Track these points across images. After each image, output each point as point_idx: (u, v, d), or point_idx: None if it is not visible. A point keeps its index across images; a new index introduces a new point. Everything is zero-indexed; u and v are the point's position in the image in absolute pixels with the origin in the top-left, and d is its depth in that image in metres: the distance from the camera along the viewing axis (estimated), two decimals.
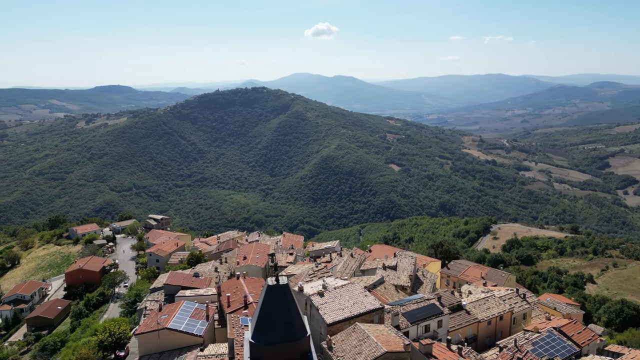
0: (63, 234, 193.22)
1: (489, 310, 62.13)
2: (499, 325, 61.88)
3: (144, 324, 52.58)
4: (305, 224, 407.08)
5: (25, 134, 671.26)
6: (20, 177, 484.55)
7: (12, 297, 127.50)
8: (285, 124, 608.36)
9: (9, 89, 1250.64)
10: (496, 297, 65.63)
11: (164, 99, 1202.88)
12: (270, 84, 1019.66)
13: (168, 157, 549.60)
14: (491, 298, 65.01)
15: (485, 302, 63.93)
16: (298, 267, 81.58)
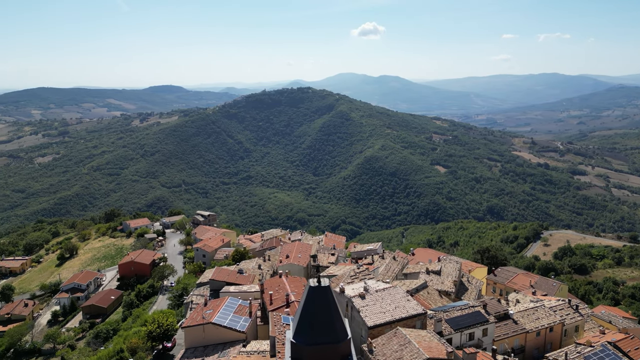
0: (117, 227, 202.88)
1: (538, 321, 59.62)
2: (549, 337, 59.22)
3: (190, 318, 54.42)
4: (347, 224, 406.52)
5: (84, 131, 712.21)
6: (80, 172, 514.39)
7: (70, 286, 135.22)
8: (329, 124, 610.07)
9: (70, 89, 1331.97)
10: (546, 307, 62.84)
11: (213, 99, 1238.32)
12: (316, 84, 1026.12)
13: (216, 155, 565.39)
14: (541, 308, 62.33)
15: (535, 312, 61.38)
16: (339, 268, 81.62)
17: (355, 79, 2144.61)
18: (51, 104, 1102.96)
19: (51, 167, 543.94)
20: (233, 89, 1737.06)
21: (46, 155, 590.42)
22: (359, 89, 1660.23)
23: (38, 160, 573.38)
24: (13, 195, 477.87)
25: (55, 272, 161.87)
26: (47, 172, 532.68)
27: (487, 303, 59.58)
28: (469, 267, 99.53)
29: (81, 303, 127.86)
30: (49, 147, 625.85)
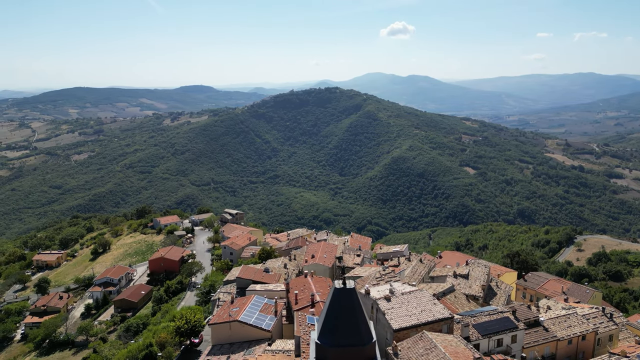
0: (148, 224, 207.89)
1: (570, 329, 57.82)
2: (581, 345, 57.35)
3: (216, 315, 55.34)
4: (373, 225, 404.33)
5: (118, 129, 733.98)
6: (113, 169, 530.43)
7: (103, 280, 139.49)
8: (356, 124, 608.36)
9: (105, 89, 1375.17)
10: (579, 314, 60.87)
11: (242, 99, 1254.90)
12: (344, 84, 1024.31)
13: (244, 154, 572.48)
14: (573, 315, 60.42)
15: (566, 319, 59.55)
16: (365, 270, 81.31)
17: (383, 78, 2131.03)
18: (87, 103, 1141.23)
19: (86, 165, 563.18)
20: (262, 89, 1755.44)
21: (82, 152, 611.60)
22: (387, 89, 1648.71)
23: (74, 158, 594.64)
24: (50, 191, 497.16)
25: (89, 266, 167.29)
26: (83, 169, 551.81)
27: (517, 309, 58.19)
28: (498, 271, 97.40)
29: (113, 297, 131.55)
30: (84, 145, 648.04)
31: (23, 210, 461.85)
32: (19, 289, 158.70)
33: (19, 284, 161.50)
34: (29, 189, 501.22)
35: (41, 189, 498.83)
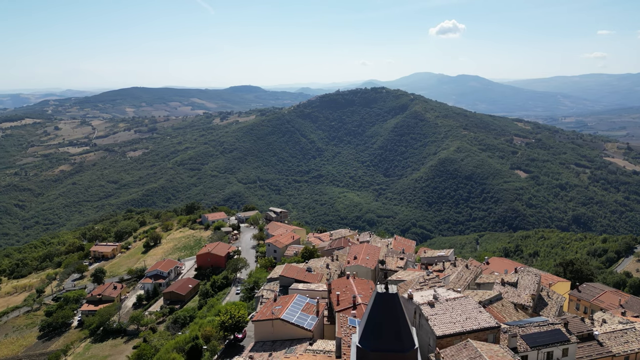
0: (196, 220, 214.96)
1: (627, 345, 54.43)
2: None
3: (260, 312, 56.48)
4: (418, 228, 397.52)
5: (171, 128, 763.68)
6: (165, 166, 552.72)
7: (153, 273, 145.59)
8: (402, 124, 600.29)
9: (159, 88, 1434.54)
10: (637, 330, 57.17)
11: (289, 99, 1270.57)
12: (390, 84, 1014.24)
13: (289, 153, 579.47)
14: (631, 330, 56.81)
15: (623, 334, 56.09)
16: (408, 274, 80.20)
17: (431, 78, 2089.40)
18: (143, 103, 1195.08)
19: (141, 161, 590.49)
20: (308, 89, 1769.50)
21: (137, 149, 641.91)
22: (435, 88, 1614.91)
23: (130, 154, 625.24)
24: (107, 185, 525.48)
25: (141, 258, 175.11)
26: (137, 165, 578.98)
27: (569, 321, 55.47)
28: (549, 280, 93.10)
29: (162, 289, 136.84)
30: (139, 142, 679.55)
31: (82, 203, 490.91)
32: (77, 278, 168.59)
33: (77, 273, 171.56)
34: (88, 183, 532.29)
35: (99, 184, 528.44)
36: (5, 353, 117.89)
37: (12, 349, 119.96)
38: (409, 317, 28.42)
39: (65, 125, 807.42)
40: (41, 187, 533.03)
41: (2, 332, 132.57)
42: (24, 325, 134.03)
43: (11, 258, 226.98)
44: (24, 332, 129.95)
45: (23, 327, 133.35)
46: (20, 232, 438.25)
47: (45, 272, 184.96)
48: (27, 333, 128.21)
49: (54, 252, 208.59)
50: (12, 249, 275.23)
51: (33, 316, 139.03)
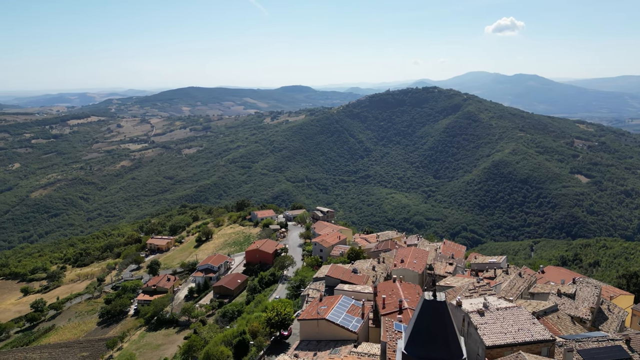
0: (246, 217, 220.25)
1: None
2: None
3: (305, 311, 57.07)
4: (469, 232, 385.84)
5: (224, 127, 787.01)
6: (218, 163, 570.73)
7: (204, 267, 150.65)
8: (454, 125, 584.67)
9: (214, 88, 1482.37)
10: None
11: (338, 99, 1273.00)
12: (443, 83, 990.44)
13: (337, 153, 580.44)
14: None
15: None
16: (457, 280, 78.07)
17: (486, 77, 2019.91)
18: (198, 102, 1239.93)
19: (195, 158, 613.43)
20: (358, 88, 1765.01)
21: (192, 147, 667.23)
22: (489, 88, 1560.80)
23: (185, 152, 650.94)
24: (164, 181, 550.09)
25: (193, 252, 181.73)
26: (192, 162, 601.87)
27: (632, 338, 51.81)
28: (610, 293, 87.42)
29: (212, 283, 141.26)
30: (194, 140, 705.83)
31: (140, 197, 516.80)
32: (134, 269, 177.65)
33: (135, 264, 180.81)
34: (146, 178, 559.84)
35: (156, 179, 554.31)
36: (68, 337, 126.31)
37: (75, 333, 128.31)
38: (457, 325, 27.72)
39: (127, 123, 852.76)
40: (104, 181, 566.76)
41: (65, 317, 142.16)
42: (85, 312, 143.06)
43: (75, 247, 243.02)
44: (85, 317, 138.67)
45: (84, 313, 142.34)
46: (84, 223, 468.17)
47: (105, 261, 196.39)
48: (88, 319, 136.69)
49: (114, 243, 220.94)
50: (76, 238, 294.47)
51: (94, 303, 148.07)
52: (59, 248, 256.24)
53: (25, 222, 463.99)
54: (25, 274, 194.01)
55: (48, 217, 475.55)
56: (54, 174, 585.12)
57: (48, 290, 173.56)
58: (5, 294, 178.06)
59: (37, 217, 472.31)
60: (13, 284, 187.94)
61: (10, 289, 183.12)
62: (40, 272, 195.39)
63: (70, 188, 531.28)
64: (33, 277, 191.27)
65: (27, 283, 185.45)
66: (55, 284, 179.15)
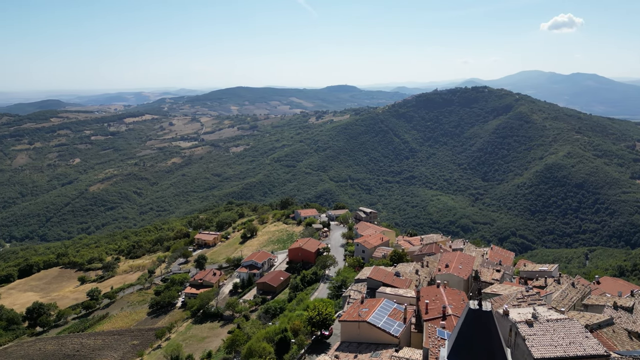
0: (289, 215, 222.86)
1: None
2: None
3: (347, 313, 57.12)
4: (518, 237, 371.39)
5: (270, 126, 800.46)
6: (263, 162, 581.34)
7: (248, 263, 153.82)
8: (505, 126, 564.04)
9: (261, 88, 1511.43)
10: None
11: (384, 98, 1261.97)
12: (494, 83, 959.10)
13: (381, 153, 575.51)
14: None
15: None
16: (505, 287, 75.40)
17: (540, 77, 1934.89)
18: (246, 101, 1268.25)
19: (242, 157, 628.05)
20: (404, 88, 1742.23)
21: (239, 145, 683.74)
22: (544, 88, 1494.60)
23: (232, 150, 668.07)
24: (212, 178, 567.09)
25: (238, 248, 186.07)
26: (239, 160, 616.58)
27: None
28: None
29: (256, 279, 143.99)
30: (241, 139, 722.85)
31: (190, 193, 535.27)
32: (183, 262, 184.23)
33: (183, 258, 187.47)
34: (195, 175, 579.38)
35: (205, 176, 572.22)
36: (121, 325, 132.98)
37: (126, 322, 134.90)
38: (503, 336, 26.89)
39: (178, 122, 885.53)
40: (156, 176, 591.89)
41: (118, 306, 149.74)
42: (136, 302, 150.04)
43: (129, 240, 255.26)
44: (136, 307, 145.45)
45: (135, 303, 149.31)
46: (137, 216, 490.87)
47: (156, 254, 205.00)
48: (139, 309, 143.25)
49: (164, 237, 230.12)
50: (130, 231, 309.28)
51: (144, 294, 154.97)
52: (114, 240, 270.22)
53: (83, 214, 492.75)
54: (83, 263, 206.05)
55: (104, 210, 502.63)
56: (111, 169, 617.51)
57: (103, 279, 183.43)
58: (65, 282, 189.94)
59: (94, 209, 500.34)
60: (71, 273, 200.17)
61: (69, 277, 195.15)
62: (96, 262, 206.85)
63: (125, 183, 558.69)
64: (90, 266, 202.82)
65: (84, 272, 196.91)
66: (110, 274, 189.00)
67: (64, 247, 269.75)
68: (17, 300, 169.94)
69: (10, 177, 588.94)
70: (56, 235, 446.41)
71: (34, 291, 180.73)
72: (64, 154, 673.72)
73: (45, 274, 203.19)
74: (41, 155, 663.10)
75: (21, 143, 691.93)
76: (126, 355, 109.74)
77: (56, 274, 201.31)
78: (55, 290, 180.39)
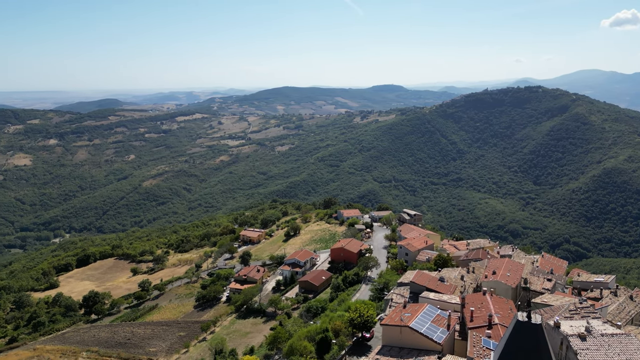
0: (332, 215, 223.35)
1: None
2: None
3: (389, 316, 56.57)
4: (571, 245, 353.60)
5: (315, 125, 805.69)
6: (307, 161, 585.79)
7: (291, 261, 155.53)
8: (559, 128, 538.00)
9: (307, 88, 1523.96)
10: None
11: (431, 98, 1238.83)
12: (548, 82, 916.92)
13: (427, 154, 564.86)
14: None
15: None
16: (556, 298, 72.02)
17: (600, 76, 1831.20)
18: (292, 101, 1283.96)
19: (287, 155, 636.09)
20: (453, 88, 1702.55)
21: (284, 145, 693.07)
22: (603, 88, 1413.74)
23: (278, 149, 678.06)
24: (258, 176, 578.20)
25: (282, 246, 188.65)
26: (284, 159, 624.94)
27: None
28: None
29: (298, 277, 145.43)
30: (286, 138, 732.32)
31: (236, 190, 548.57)
32: (228, 258, 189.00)
33: (229, 253, 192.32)
34: (242, 173, 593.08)
35: (251, 174, 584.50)
36: (169, 316, 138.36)
37: (174, 313, 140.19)
38: (553, 349, 25.75)
39: (227, 120, 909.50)
40: (204, 173, 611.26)
41: (167, 298, 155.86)
42: (184, 294, 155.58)
43: (178, 234, 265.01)
44: (183, 300, 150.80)
45: (183, 295, 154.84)
46: (186, 212, 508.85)
47: (203, 249, 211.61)
48: (186, 301, 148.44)
49: (211, 233, 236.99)
50: (179, 226, 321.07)
51: (191, 287, 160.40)
52: (164, 234, 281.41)
53: (137, 208, 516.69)
54: (135, 255, 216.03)
55: (156, 205, 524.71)
56: (163, 165, 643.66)
57: (153, 272, 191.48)
58: (118, 272, 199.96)
59: (147, 204, 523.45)
60: (125, 264, 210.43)
61: (122, 268, 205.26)
62: (147, 255, 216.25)
63: (176, 179, 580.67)
64: (141, 259, 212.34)
65: (136, 264, 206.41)
66: (160, 266, 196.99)
67: (118, 239, 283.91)
68: (74, 288, 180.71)
69: (71, 172, 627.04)
70: (111, 228, 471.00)
71: (90, 280, 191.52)
72: (120, 151, 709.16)
73: (100, 264, 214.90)
74: (99, 152, 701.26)
75: (82, 139, 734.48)
76: (173, 346, 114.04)
77: (111, 265, 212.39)
78: (109, 280, 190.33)
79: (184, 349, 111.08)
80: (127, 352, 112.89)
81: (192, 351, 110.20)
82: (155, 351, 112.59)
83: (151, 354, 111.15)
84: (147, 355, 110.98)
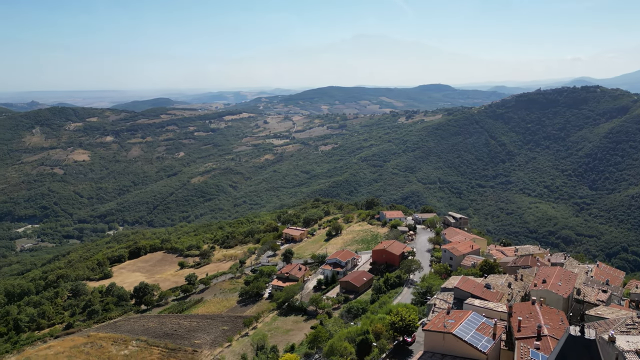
0: (374, 215, 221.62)
1: None
2: None
3: (431, 322, 55.56)
4: (630, 254, 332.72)
5: (359, 125, 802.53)
6: (350, 161, 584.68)
7: (333, 261, 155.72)
8: (619, 130, 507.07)
9: (352, 87, 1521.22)
10: None
11: (480, 98, 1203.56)
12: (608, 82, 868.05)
13: (475, 156, 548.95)
14: None
15: None
16: (612, 311, 68.01)
17: None
18: (336, 101, 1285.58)
19: (330, 155, 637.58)
20: (503, 87, 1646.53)
21: (327, 144, 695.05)
22: None
23: (321, 148, 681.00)
24: (301, 175, 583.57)
25: (323, 246, 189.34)
26: (327, 158, 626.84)
27: None
28: None
29: (339, 277, 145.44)
30: (330, 137, 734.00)
31: (280, 188, 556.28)
32: (271, 255, 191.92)
33: (271, 251, 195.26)
34: (285, 171, 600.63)
35: (294, 173, 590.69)
36: (213, 310, 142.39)
37: (218, 307, 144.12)
38: None
39: (272, 120, 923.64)
40: (250, 172, 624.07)
41: (212, 292, 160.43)
42: (228, 289, 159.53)
43: (223, 230, 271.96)
44: (227, 295, 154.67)
45: (227, 290, 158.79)
46: (231, 208, 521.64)
47: (247, 246, 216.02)
48: (230, 296, 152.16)
49: (255, 230, 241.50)
50: (224, 222, 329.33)
51: (235, 282, 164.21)
52: (210, 230, 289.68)
53: (185, 204, 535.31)
54: (183, 250, 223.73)
55: (203, 201, 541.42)
56: (210, 163, 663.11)
57: (199, 266, 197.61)
58: (167, 266, 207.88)
59: (194, 200, 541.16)
60: (173, 257, 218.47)
61: (171, 261, 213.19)
62: (194, 249, 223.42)
63: (222, 176, 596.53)
64: (188, 253, 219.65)
65: (183, 258, 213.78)
66: (206, 261, 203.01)
67: (167, 234, 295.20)
68: (126, 279, 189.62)
69: (125, 168, 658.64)
70: (161, 222, 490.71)
71: (141, 272, 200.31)
72: (170, 148, 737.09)
73: (150, 257, 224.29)
74: (151, 149, 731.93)
75: (135, 137, 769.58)
76: (217, 339, 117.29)
77: (160, 258, 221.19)
78: (158, 272, 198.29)
79: (227, 343, 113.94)
80: (174, 343, 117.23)
81: (235, 345, 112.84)
82: (200, 343, 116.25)
83: (196, 346, 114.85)
84: (192, 347, 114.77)
